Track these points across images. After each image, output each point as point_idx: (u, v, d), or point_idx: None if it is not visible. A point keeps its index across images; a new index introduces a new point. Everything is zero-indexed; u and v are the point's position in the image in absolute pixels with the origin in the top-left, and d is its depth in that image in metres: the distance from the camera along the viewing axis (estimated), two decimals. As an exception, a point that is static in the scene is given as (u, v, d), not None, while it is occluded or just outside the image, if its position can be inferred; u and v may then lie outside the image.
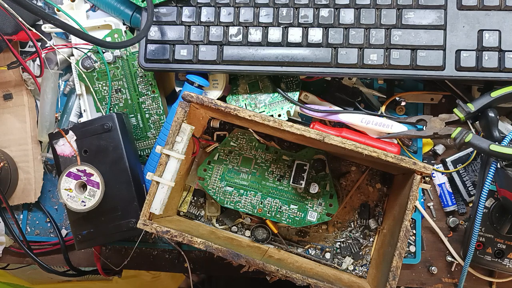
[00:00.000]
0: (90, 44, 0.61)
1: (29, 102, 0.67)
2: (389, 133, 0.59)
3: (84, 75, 0.63)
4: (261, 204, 0.61)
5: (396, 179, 0.61)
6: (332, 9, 0.56)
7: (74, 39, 0.64)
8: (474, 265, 0.61)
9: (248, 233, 0.63)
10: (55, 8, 0.62)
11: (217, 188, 0.61)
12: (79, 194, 0.56)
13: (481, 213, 0.55)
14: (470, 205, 0.63)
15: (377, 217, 0.62)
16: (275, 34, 0.56)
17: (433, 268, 0.63)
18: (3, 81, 0.67)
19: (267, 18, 0.57)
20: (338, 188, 0.63)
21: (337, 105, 0.62)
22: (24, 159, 0.66)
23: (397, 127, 0.59)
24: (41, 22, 0.66)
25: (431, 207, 0.64)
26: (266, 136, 0.62)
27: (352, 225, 0.63)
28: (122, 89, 0.63)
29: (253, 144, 0.61)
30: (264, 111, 0.61)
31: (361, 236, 0.62)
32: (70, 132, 0.60)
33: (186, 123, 0.52)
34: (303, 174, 0.58)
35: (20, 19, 0.58)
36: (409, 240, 0.63)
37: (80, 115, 0.66)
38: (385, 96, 0.63)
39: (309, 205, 0.60)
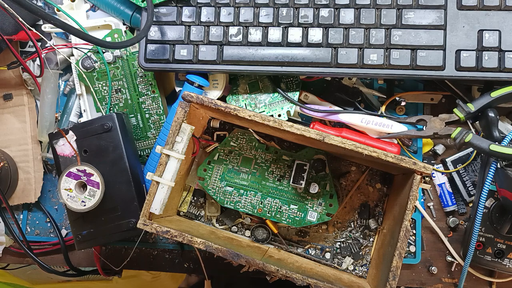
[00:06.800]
0: (90, 44, 0.61)
1: (29, 102, 0.67)
2: (389, 133, 0.59)
3: (84, 75, 0.63)
4: (261, 204, 0.61)
5: (396, 179, 0.61)
6: (332, 9, 0.56)
7: (74, 39, 0.64)
8: (474, 265, 0.61)
9: (248, 233, 0.63)
10: (55, 8, 0.62)
11: (217, 188, 0.61)
12: (79, 194, 0.56)
13: (481, 213, 0.55)
14: (470, 205, 0.63)
15: (377, 217, 0.62)
16: (275, 34, 0.56)
17: (433, 268, 0.63)
18: (3, 81, 0.67)
19: (267, 18, 0.57)
20: (338, 188, 0.63)
21: (337, 105, 0.62)
22: (24, 159, 0.66)
23: (397, 127, 0.59)
24: (41, 22, 0.66)
25: (431, 207, 0.64)
26: (266, 136, 0.62)
27: (352, 225, 0.63)
28: (122, 89, 0.63)
29: (253, 144, 0.61)
30: (264, 111, 0.61)
31: (361, 236, 0.62)
32: (70, 132, 0.60)
33: (186, 123, 0.52)
34: (303, 174, 0.58)
35: (20, 19, 0.58)
36: (409, 240, 0.63)
37: (80, 115, 0.66)
38: (385, 96, 0.63)
39: (309, 205, 0.60)
